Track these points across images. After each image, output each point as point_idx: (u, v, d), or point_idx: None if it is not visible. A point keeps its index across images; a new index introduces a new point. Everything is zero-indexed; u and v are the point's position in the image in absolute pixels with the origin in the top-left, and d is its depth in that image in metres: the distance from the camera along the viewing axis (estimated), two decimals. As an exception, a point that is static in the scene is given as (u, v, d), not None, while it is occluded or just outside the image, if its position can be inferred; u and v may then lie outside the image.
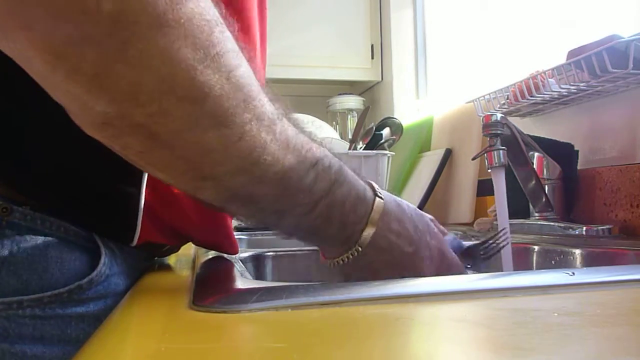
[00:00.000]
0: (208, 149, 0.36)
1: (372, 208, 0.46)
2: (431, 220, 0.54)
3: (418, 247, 0.49)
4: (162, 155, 0.37)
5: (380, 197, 0.47)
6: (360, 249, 0.46)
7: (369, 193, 0.47)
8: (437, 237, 0.52)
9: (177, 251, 0.62)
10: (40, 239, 0.44)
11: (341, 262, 0.47)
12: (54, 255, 0.44)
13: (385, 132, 1.46)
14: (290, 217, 0.43)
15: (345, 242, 0.46)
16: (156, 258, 0.62)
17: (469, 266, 0.58)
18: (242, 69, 0.37)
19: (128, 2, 0.30)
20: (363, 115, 1.51)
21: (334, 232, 0.45)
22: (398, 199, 0.50)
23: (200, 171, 0.38)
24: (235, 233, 0.57)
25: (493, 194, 0.75)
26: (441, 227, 0.56)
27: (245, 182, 0.39)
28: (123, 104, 0.33)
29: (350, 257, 0.47)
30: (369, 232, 0.46)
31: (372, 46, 2.09)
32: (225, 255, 0.59)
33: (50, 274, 0.43)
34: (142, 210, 0.47)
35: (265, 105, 0.39)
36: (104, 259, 0.46)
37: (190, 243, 0.58)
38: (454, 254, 0.54)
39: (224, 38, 0.35)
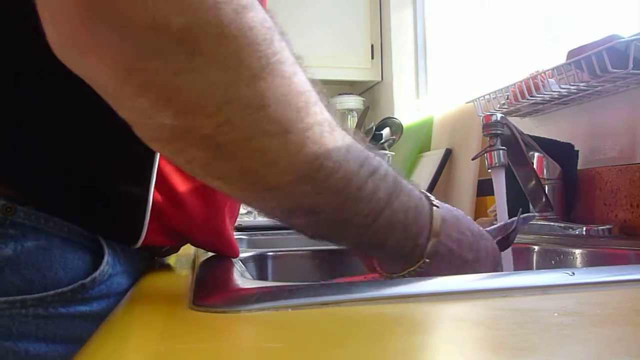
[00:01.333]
0: (273, 157, 0.37)
1: (432, 218, 0.45)
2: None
3: (477, 251, 0.49)
4: (228, 166, 0.37)
5: (437, 206, 0.46)
6: (427, 261, 0.45)
7: (426, 203, 0.46)
8: (488, 238, 0.52)
9: (177, 251, 0.63)
10: (43, 239, 0.44)
11: (407, 276, 0.46)
12: (58, 255, 0.44)
13: (385, 132, 1.46)
14: (352, 228, 0.43)
15: (410, 254, 0.45)
16: (156, 258, 0.62)
17: None
18: (300, 76, 0.37)
19: (195, 15, 0.31)
20: (363, 115, 1.51)
21: (397, 244, 0.44)
22: (447, 205, 0.49)
23: (266, 181, 0.38)
24: (235, 233, 0.57)
25: (493, 194, 0.75)
26: None
27: (308, 190, 0.39)
28: (190, 116, 0.34)
29: (418, 270, 0.46)
30: (433, 243, 0.45)
31: (372, 46, 2.08)
32: (225, 255, 0.59)
33: (54, 273, 0.44)
34: (149, 213, 0.47)
35: (324, 111, 0.39)
36: (107, 258, 0.47)
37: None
38: (499, 251, 0.53)
39: (282, 47, 0.36)
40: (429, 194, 0.47)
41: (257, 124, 0.35)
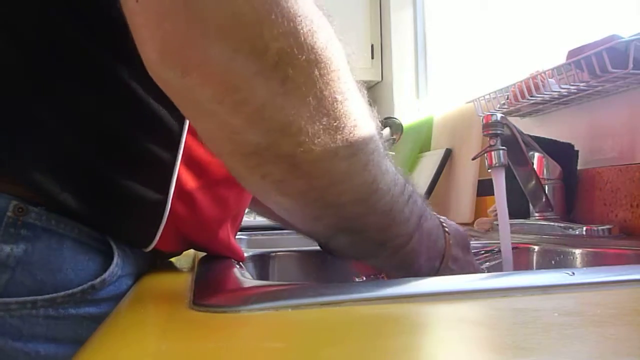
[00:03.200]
0: (339, 177, 0.39)
1: (445, 242, 0.49)
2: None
3: (468, 269, 0.53)
4: (298, 184, 0.39)
5: (448, 232, 0.50)
6: None
7: (441, 228, 0.50)
8: (471, 254, 0.56)
9: (179, 254, 0.63)
10: (54, 240, 0.44)
11: None
12: (68, 256, 0.44)
13: (385, 132, 1.46)
14: (389, 248, 0.46)
15: (427, 274, 0.49)
16: (158, 261, 0.62)
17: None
18: (364, 101, 0.40)
19: (292, 40, 0.33)
20: (363, 115, 1.51)
21: (420, 265, 0.48)
22: (450, 223, 0.53)
23: (327, 200, 0.41)
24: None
25: (493, 194, 0.75)
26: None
27: (361, 211, 0.42)
28: (275, 135, 0.36)
29: None
30: (444, 265, 0.49)
31: (372, 46, 2.08)
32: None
33: (64, 274, 0.44)
34: (166, 218, 0.47)
35: (380, 136, 0.42)
36: (116, 259, 0.47)
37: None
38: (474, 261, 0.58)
39: (350, 73, 0.39)
40: (441, 219, 0.51)
41: (332, 145, 0.37)
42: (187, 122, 0.47)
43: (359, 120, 0.38)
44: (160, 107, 0.46)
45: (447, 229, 0.50)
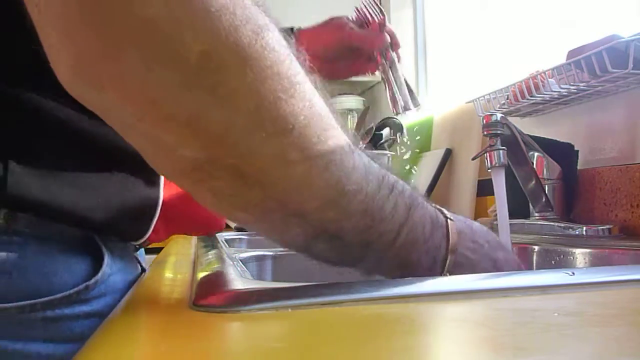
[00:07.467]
0: (296, 183, 0.35)
1: (448, 231, 0.44)
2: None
3: (496, 260, 0.48)
4: (253, 195, 0.35)
5: (451, 219, 0.45)
6: (447, 274, 0.44)
7: (440, 216, 0.45)
8: (507, 250, 0.51)
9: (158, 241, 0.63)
10: (46, 245, 0.44)
11: None
12: (61, 259, 0.45)
13: (385, 132, 1.46)
14: (375, 248, 0.41)
15: (431, 269, 0.44)
16: (154, 257, 0.63)
17: None
18: (318, 96, 0.36)
19: (214, 41, 0.30)
20: (363, 115, 1.51)
21: (418, 259, 0.43)
22: (462, 217, 0.48)
23: (288, 209, 0.37)
24: (235, 233, 0.58)
25: (493, 194, 0.75)
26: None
27: (333, 216, 0.38)
28: (214, 147, 0.32)
29: None
30: (451, 258, 0.44)
31: (372, 46, 2.08)
32: (225, 255, 0.59)
33: (60, 277, 0.44)
34: (158, 212, 0.48)
35: (343, 133, 0.38)
36: (107, 259, 0.47)
37: (189, 243, 0.58)
38: (516, 259, 0.52)
39: (298, 66, 0.35)
40: (442, 208, 0.46)
41: (280, 151, 0.34)
42: None
43: (310, 118, 0.34)
44: None
45: (448, 216, 0.45)
